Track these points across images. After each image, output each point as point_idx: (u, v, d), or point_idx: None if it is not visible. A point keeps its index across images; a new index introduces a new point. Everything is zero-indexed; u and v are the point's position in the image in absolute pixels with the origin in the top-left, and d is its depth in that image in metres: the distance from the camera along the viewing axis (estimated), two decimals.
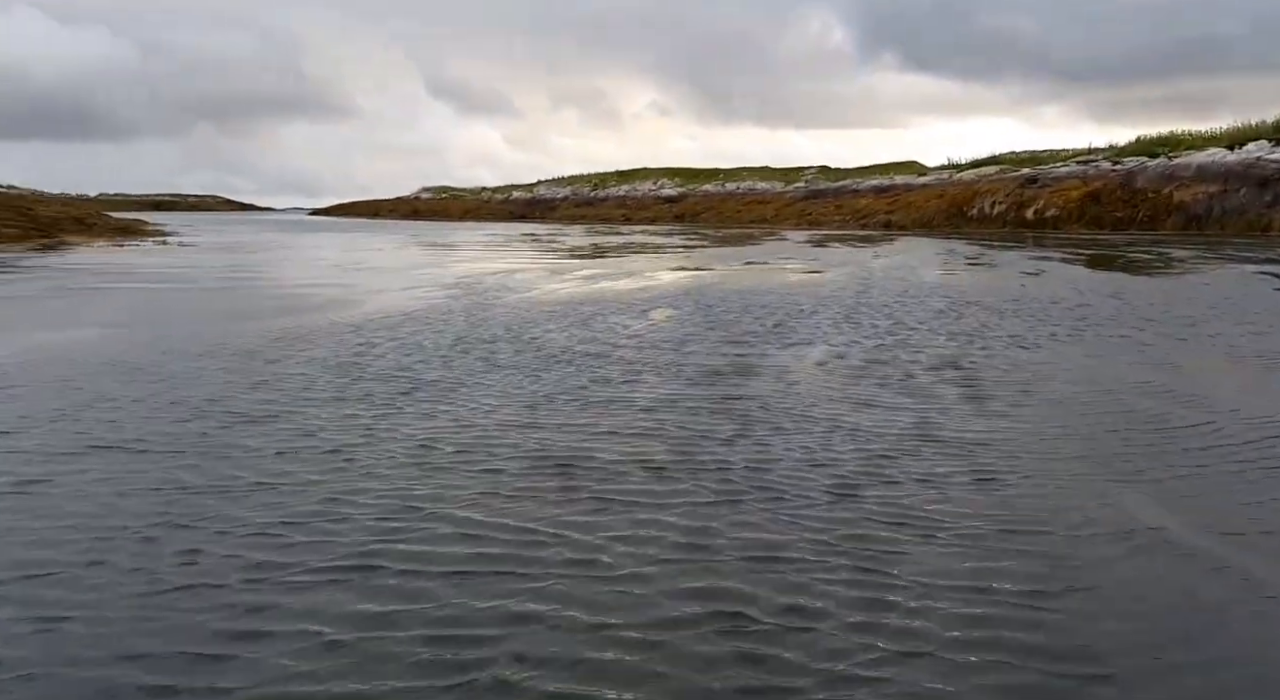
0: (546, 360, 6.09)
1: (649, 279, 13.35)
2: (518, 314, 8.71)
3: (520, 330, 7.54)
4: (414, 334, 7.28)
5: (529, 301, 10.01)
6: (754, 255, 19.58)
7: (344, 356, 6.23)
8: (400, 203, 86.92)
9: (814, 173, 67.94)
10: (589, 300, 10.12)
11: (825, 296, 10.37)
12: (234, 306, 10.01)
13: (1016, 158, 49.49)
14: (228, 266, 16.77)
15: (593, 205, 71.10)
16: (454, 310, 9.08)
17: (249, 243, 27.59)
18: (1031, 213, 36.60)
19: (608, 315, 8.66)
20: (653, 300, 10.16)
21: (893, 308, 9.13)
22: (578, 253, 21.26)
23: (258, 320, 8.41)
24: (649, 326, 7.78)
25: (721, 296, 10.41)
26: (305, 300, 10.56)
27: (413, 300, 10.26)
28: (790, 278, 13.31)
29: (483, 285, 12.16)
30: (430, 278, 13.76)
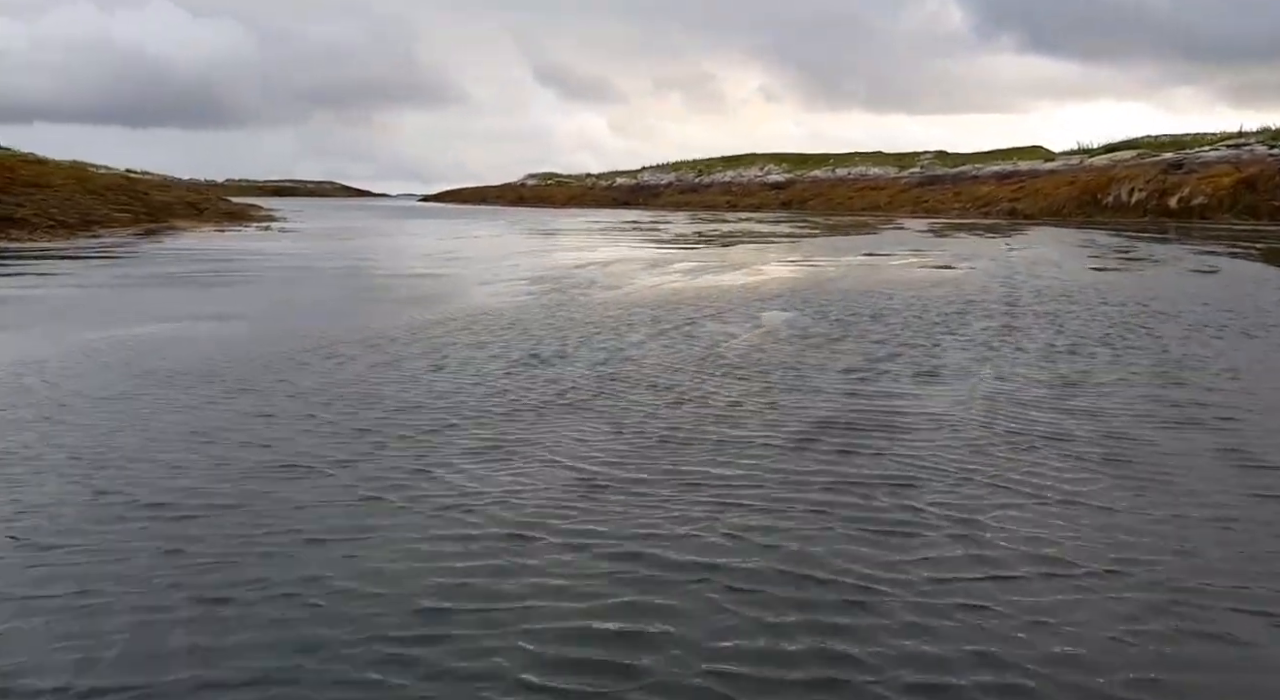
0: (621, 398, 4.56)
1: (756, 274, 12.03)
2: (604, 319, 7.52)
3: (600, 343, 6.25)
4: (471, 353, 5.97)
5: (621, 301, 8.85)
6: (871, 246, 17.95)
7: (369, 383, 5.15)
8: (506, 189, 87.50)
9: (930, 158, 65.08)
10: (687, 300, 8.89)
11: (968, 300, 8.86)
12: (308, 298, 9.20)
13: (1156, 142, 45.76)
14: (319, 254, 16.22)
15: (697, 192, 69.83)
16: (532, 312, 7.98)
17: (351, 229, 27.40)
18: (1175, 201, 33.41)
19: (706, 320, 7.41)
20: (761, 301, 8.86)
21: (1058, 316, 7.53)
22: (680, 242, 20.04)
23: (321, 320, 7.51)
24: (754, 342, 6.47)
25: (842, 298, 9.02)
26: (386, 293, 9.68)
27: (494, 297, 9.24)
28: (919, 274, 11.77)
29: (574, 280, 11.07)
30: (521, 270, 12.78)
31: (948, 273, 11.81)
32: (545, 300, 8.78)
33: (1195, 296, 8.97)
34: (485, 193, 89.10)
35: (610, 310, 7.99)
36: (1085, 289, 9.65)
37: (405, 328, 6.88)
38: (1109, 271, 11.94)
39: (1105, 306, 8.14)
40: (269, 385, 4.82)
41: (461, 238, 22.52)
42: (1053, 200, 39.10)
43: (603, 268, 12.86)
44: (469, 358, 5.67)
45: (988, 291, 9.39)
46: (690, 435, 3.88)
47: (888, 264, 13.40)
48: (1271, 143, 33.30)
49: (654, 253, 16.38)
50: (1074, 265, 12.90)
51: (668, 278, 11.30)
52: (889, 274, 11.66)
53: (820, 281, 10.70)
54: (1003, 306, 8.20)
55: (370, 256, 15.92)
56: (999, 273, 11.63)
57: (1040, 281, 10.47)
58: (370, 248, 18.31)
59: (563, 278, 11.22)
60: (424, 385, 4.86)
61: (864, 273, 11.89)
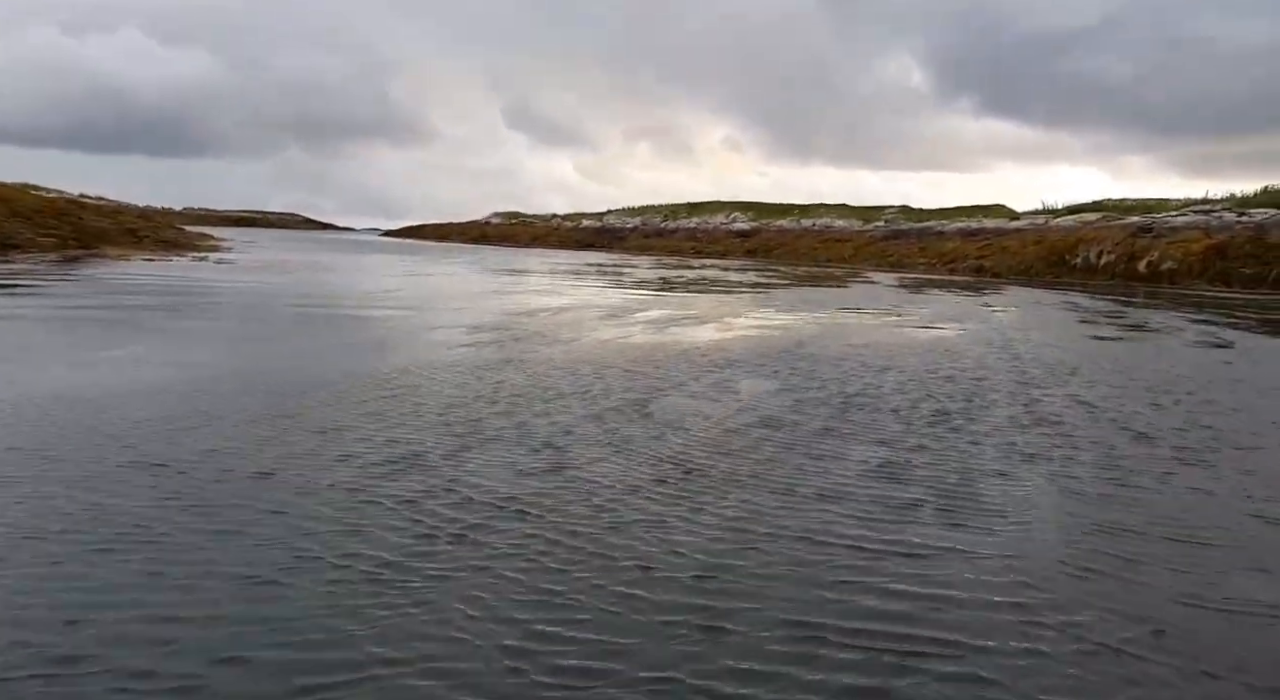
0: (520, 556, 3.01)
1: (726, 328, 10.81)
2: (542, 389, 6.19)
3: (524, 432, 4.82)
4: (321, 447, 4.50)
5: (569, 361, 7.54)
6: (845, 299, 16.90)
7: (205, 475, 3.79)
8: (470, 227, 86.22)
9: (894, 212, 65.12)
10: (647, 361, 7.62)
11: (970, 368, 7.68)
12: (172, 345, 7.78)
13: (1120, 205, 45.74)
14: (239, 288, 14.75)
15: (662, 237, 69.11)
16: (453, 376, 6.64)
17: (295, 262, 25.87)
18: (1144, 265, 33.07)
19: (669, 393, 6.13)
20: (736, 363, 7.61)
21: (1091, 401, 6.32)
22: (644, 287, 18.85)
23: (141, 379, 6.11)
24: (729, 425, 5.21)
25: (828, 365, 7.80)
26: (280, 343, 8.29)
27: (417, 352, 7.89)
28: (907, 334, 10.63)
29: (521, 330, 9.76)
30: (465, 315, 11.44)
31: (936, 335, 10.69)
32: (478, 358, 7.43)
33: (1238, 380, 7.87)
34: (448, 230, 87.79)
35: (552, 375, 6.66)
36: (1098, 362, 8.54)
37: (260, 397, 5.49)
38: (1112, 341, 10.90)
39: (1143, 391, 6.99)
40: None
41: (411, 276, 21.14)
42: (1020, 259, 38.72)
43: (556, 316, 11.56)
44: (311, 459, 4.21)
45: (988, 364, 8.23)
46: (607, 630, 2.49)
47: (868, 322, 12.28)
48: (1240, 210, 33.17)
49: (616, 299, 15.14)
50: (1070, 332, 11.86)
51: (628, 330, 10.03)
52: (874, 335, 10.50)
53: (800, 341, 9.50)
54: (1014, 384, 7.02)
55: (299, 293, 14.47)
56: (993, 338, 10.53)
57: (1043, 350, 9.36)
58: (304, 283, 16.85)
59: (508, 327, 9.90)
60: (268, 525, 3.38)
61: (846, 332, 10.72)
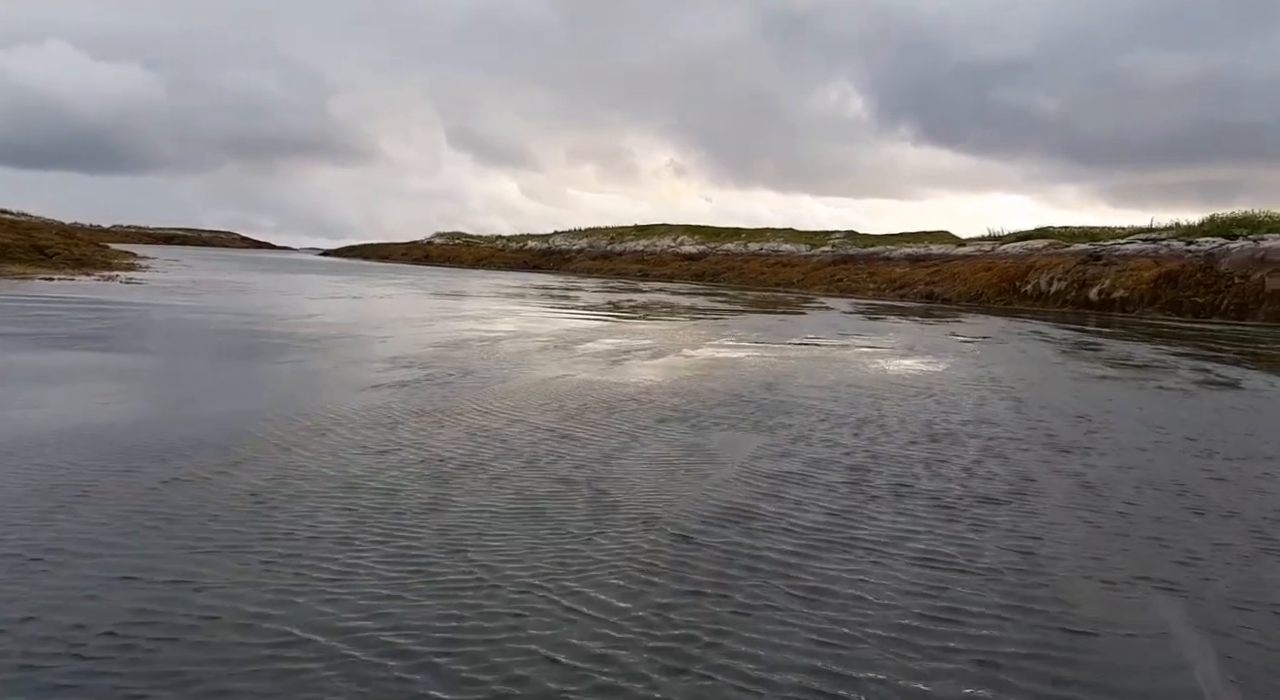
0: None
1: (686, 363, 9.59)
2: (461, 456, 4.90)
3: (419, 537, 3.59)
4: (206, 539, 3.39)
5: (503, 411, 6.24)
6: (805, 327, 15.84)
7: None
8: (413, 247, 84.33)
9: (841, 237, 65.19)
10: (597, 407, 6.35)
11: (976, 419, 6.57)
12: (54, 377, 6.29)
13: (1066, 232, 45.98)
14: (144, 312, 13.13)
15: (609, 259, 68.17)
16: (357, 434, 5.31)
17: (216, 282, 24.06)
18: (1096, 292, 32.86)
19: (622, 456, 4.87)
20: (699, 414, 6.38)
21: (1133, 464, 5.26)
22: (593, 312, 17.59)
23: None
24: (695, 523, 3.97)
25: (813, 412, 6.61)
26: (141, 386, 6.85)
27: (315, 396, 6.51)
28: (886, 371, 9.52)
29: (447, 366, 8.42)
30: (390, 345, 10.05)
31: (918, 372, 9.60)
32: (385, 410, 6.06)
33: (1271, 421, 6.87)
34: (390, 250, 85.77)
35: (471, 439, 5.33)
36: (1113, 411, 7.48)
37: (79, 471, 4.10)
38: (1110, 380, 9.92)
39: (1188, 454, 5.91)
40: None
41: (340, 297, 19.57)
42: (971, 286, 38.40)
43: (493, 347, 10.22)
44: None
45: (994, 413, 7.11)
46: None
47: (838, 355, 11.17)
48: (1187, 239, 33.20)
49: (561, 326, 13.85)
50: (1058, 370, 10.90)
51: (573, 367, 8.75)
52: (850, 372, 9.37)
53: (770, 381, 8.31)
54: (1037, 444, 5.90)
55: (202, 319, 12.90)
56: (980, 377, 9.47)
57: (1043, 394, 8.31)
58: (213, 306, 15.22)
59: (434, 364, 8.54)
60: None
61: (818, 368, 9.58)
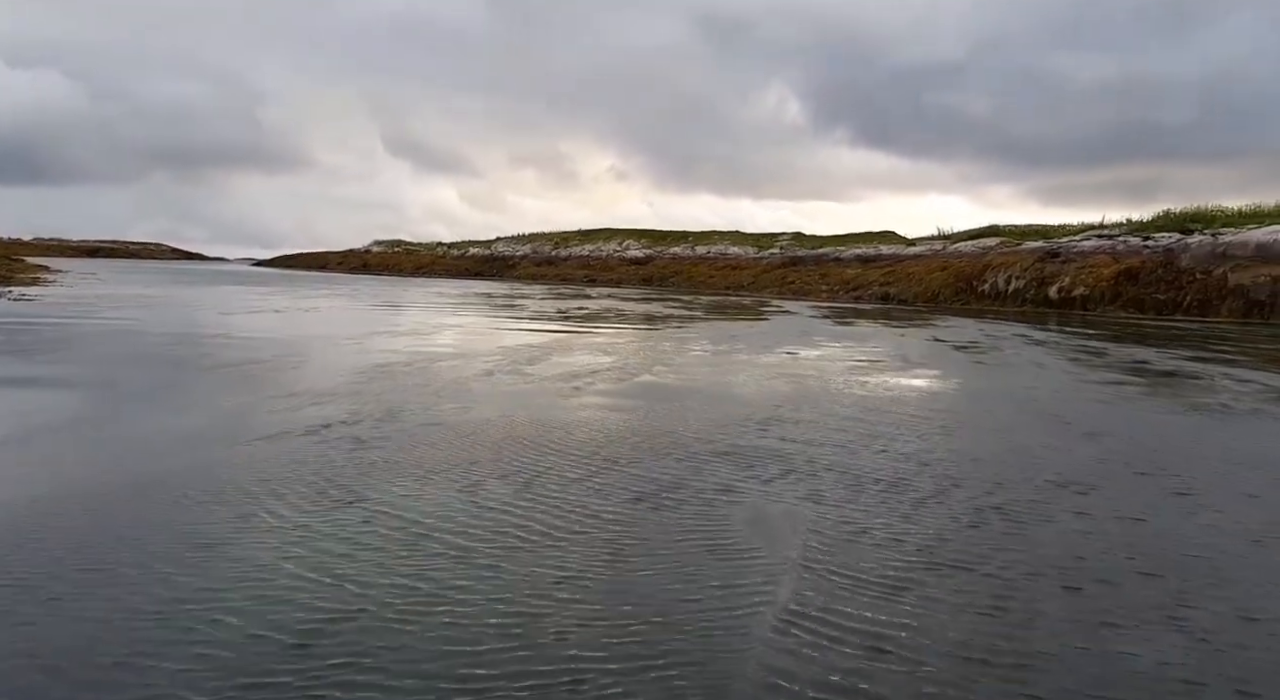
0: None
1: (659, 386, 8.14)
2: (372, 580, 3.39)
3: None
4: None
5: (434, 479, 4.72)
6: (774, 335, 14.50)
7: None
8: (350, 255, 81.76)
9: (788, 239, 64.65)
10: (562, 469, 4.86)
11: (1044, 455, 5.24)
12: None
13: (1018, 230, 45.67)
14: (13, 334, 11.28)
15: (554, 264, 66.65)
16: (201, 530, 3.76)
17: (121, 296, 21.94)
18: (1055, 291, 32.27)
19: (621, 592, 3.40)
20: (696, 456, 4.93)
21: (1268, 537, 3.96)
22: (542, 322, 16.03)
23: None
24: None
25: (837, 450, 5.20)
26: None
27: (201, 455, 4.92)
28: (890, 389, 8.17)
29: (374, 401, 6.83)
30: (305, 375, 8.42)
31: (926, 390, 8.28)
32: (265, 473, 4.50)
33: None
34: (326, 258, 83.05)
35: (379, 532, 3.80)
36: (1177, 442, 6.21)
37: None
38: (1141, 397, 8.72)
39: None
40: None
41: (260, 311, 17.71)
42: (926, 286, 37.66)
43: (427, 372, 8.64)
44: None
45: (1081, 463, 5.80)
46: None
47: (828, 368, 9.80)
48: (1144, 235, 32.80)
49: (510, 340, 12.28)
50: (1076, 380, 9.69)
51: (526, 402, 7.22)
52: (852, 392, 7.98)
53: (768, 411, 6.88)
54: (1142, 493, 4.57)
55: (87, 343, 11.08)
56: (995, 391, 8.19)
57: (1084, 416, 7.04)
58: (106, 325, 13.33)
59: (352, 397, 6.94)
60: None
61: (812, 388, 8.19)
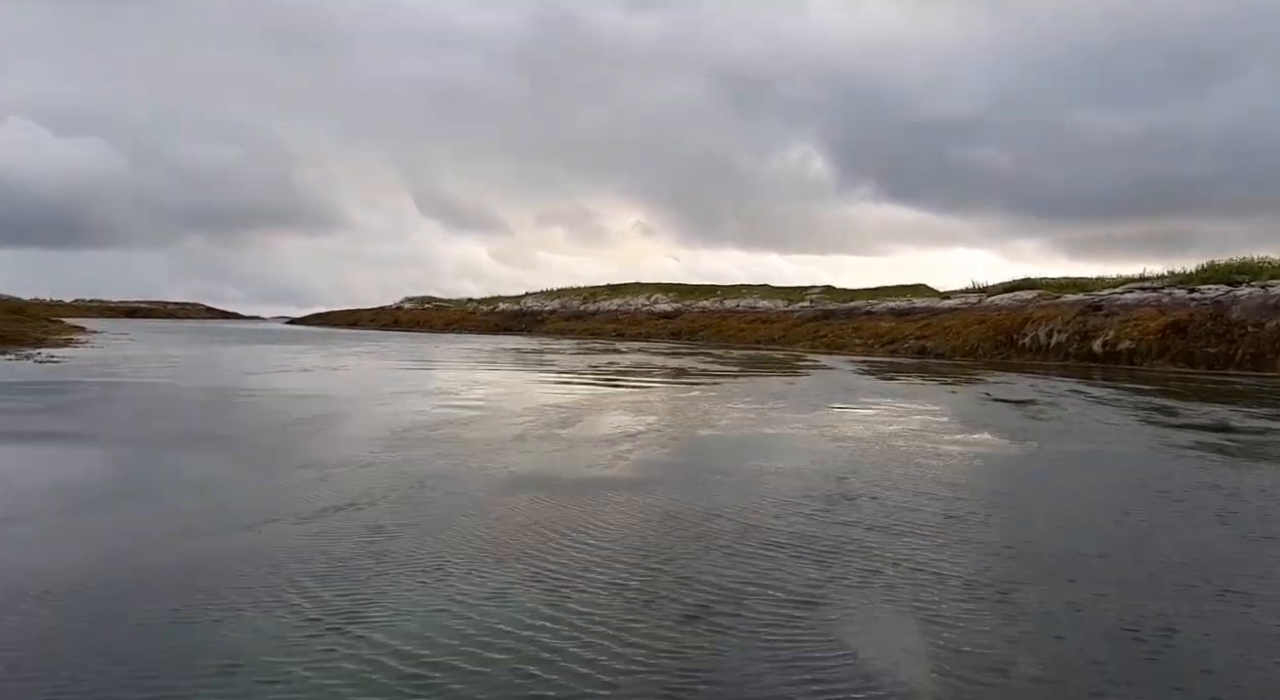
0: None
1: (707, 450, 7.41)
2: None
3: None
4: None
5: (467, 579, 4.03)
6: (818, 391, 13.71)
7: None
8: (381, 312, 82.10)
9: (819, 292, 64.18)
10: (609, 567, 4.14)
11: (1214, 566, 4.45)
12: None
13: (1056, 283, 44.77)
14: (26, 398, 10.81)
15: (582, 319, 66.36)
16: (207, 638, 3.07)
17: (148, 357, 21.65)
18: (1099, 344, 31.22)
19: (683, 681, 2.67)
20: (753, 556, 4.20)
21: None
22: (574, 379, 15.40)
23: None
24: None
25: (940, 545, 4.44)
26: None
27: (193, 546, 4.27)
28: (965, 459, 7.37)
29: (396, 473, 6.17)
30: (323, 442, 7.80)
31: (1013, 460, 7.48)
32: (267, 565, 3.83)
33: None
34: (358, 316, 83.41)
35: (396, 660, 3.11)
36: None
37: None
38: (1255, 468, 7.88)
39: None
40: None
41: (287, 370, 17.24)
42: (964, 339, 36.68)
43: (457, 439, 7.98)
44: None
45: (1201, 541, 5.01)
46: None
47: (885, 431, 9.02)
48: (1190, 287, 31.82)
49: (541, 399, 11.63)
50: (1169, 445, 8.85)
51: (564, 472, 6.53)
52: (924, 461, 7.20)
53: (836, 480, 6.13)
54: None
55: (95, 408, 10.58)
56: (1087, 456, 7.38)
57: (1220, 496, 6.21)
58: (123, 389, 12.87)
59: (372, 468, 6.29)
60: None
61: (874, 453, 7.42)
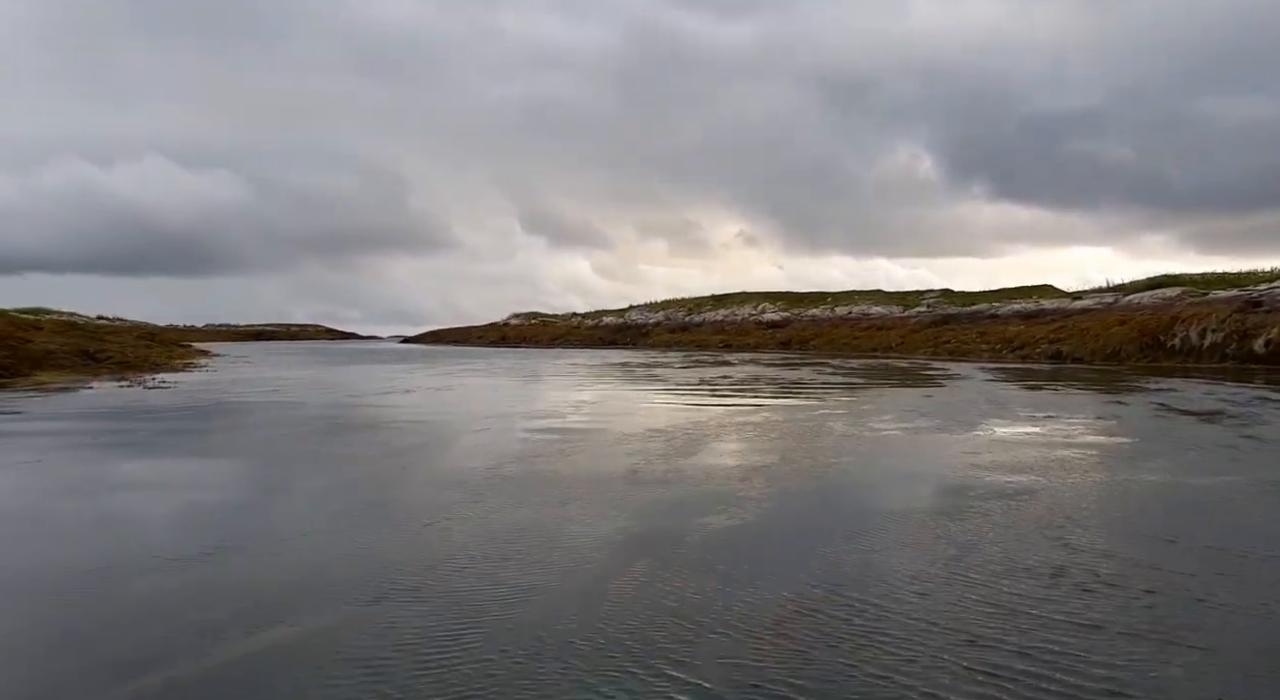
0: None
1: (851, 483, 6.19)
2: None
3: None
4: None
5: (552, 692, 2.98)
6: (964, 405, 12.19)
7: None
8: (490, 329, 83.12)
9: (935, 296, 61.50)
10: (747, 649, 3.03)
11: None
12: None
13: (1203, 279, 41.16)
14: (102, 440, 10.42)
15: (688, 330, 65.29)
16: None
17: (259, 379, 21.69)
18: (1262, 344, 28.18)
19: None
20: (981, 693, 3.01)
21: None
22: (689, 394, 14.31)
23: None
24: None
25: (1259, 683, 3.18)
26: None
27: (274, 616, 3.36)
28: (1178, 483, 5.96)
29: (488, 522, 5.22)
30: (414, 479, 6.96)
31: (1242, 489, 6.03)
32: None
33: None
34: (469, 333, 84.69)
35: None
36: None
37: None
38: None
39: None
40: None
41: (390, 393, 16.76)
42: (1104, 342, 33.89)
43: (551, 477, 7.01)
44: None
45: None
46: None
47: (1069, 457, 7.56)
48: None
49: (657, 419, 10.57)
50: None
51: (681, 524, 5.45)
52: (1147, 504, 5.82)
53: (1052, 539, 4.84)
54: None
55: (176, 444, 10.09)
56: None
57: None
58: (211, 424, 12.48)
59: (449, 522, 5.35)
60: None
61: (1077, 489, 6.06)
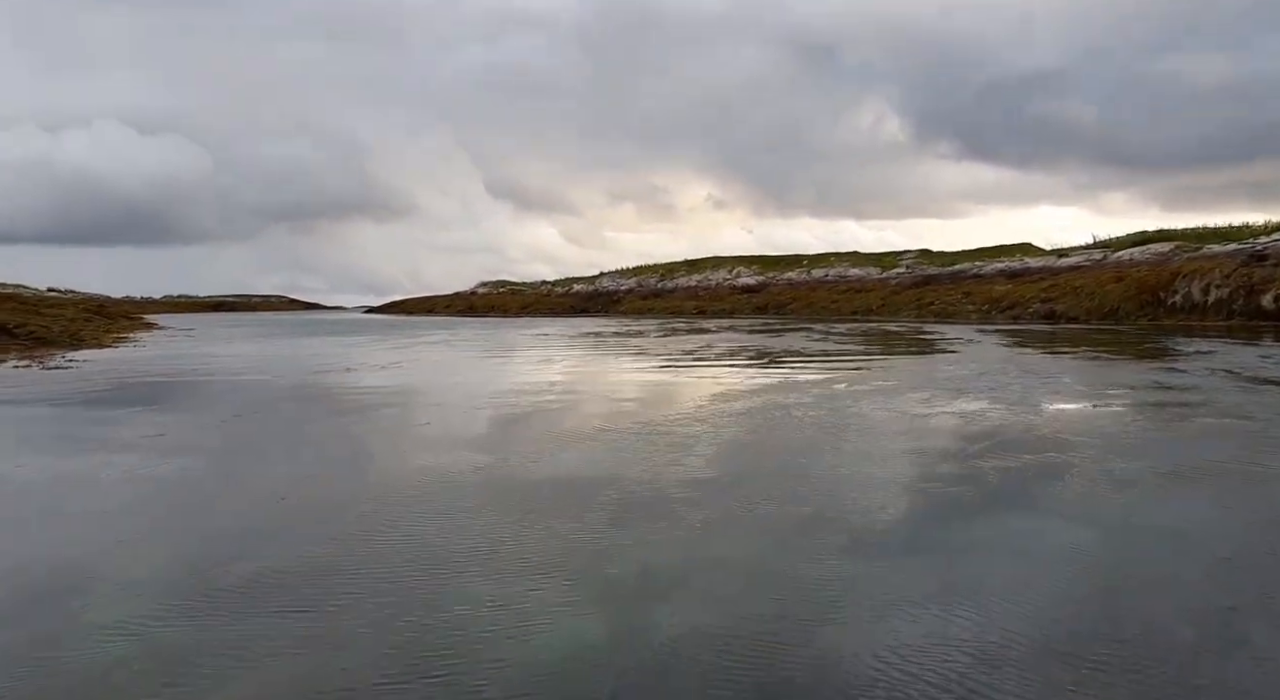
0: None
1: (900, 501, 4.33)
2: None
3: None
4: None
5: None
6: (985, 375, 10.39)
7: None
8: (456, 298, 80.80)
9: (914, 256, 60.39)
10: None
11: None
12: None
13: (1195, 233, 39.81)
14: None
15: (660, 297, 63.48)
16: None
17: (190, 356, 19.49)
18: (1271, 299, 26.77)
19: None
20: None
21: None
22: (672, 367, 12.41)
23: None
24: None
25: None
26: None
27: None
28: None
29: (474, 534, 3.27)
30: (333, 498, 4.99)
31: None
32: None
33: None
34: (433, 302, 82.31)
35: None
36: None
37: None
38: None
39: None
40: None
41: (354, 370, 14.65)
42: (1100, 300, 32.43)
43: (549, 454, 5.09)
44: None
45: None
46: None
47: (1155, 445, 5.81)
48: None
49: (648, 410, 8.67)
50: None
51: (695, 561, 3.55)
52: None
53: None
54: None
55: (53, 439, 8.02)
56: None
57: None
58: (100, 415, 10.36)
59: (439, 516, 3.42)
60: None
61: (1246, 510, 4.28)
